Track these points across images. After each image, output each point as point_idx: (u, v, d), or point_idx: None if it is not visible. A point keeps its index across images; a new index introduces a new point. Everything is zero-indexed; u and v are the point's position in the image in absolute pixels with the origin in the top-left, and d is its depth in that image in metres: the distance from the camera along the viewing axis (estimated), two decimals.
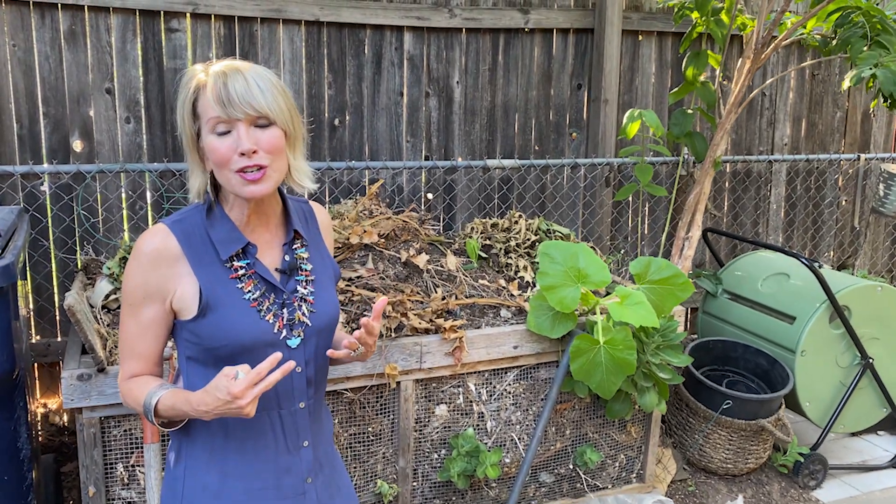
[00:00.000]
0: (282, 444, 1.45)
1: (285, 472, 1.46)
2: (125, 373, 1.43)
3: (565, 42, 3.93)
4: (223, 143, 1.33)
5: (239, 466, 1.43)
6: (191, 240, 1.39)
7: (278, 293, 1.44)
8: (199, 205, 1.44)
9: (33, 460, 2.43)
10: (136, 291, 1.38)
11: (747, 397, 3.16)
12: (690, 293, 2.69)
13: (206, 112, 1.34)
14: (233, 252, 1.40)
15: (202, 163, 1.40)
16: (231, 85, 1.32)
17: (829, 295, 3.25)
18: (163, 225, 1.40)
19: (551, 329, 2.61)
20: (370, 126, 3.63)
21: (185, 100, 1.37)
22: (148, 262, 1.37)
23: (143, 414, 1.39)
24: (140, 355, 1.42)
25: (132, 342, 1.41)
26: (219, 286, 1.39)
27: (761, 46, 3.30)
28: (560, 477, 2.88)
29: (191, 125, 1.38)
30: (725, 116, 3.46)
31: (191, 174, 1.42)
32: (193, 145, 1.39)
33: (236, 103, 1.31)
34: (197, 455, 1.44)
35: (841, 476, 3.44)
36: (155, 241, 1.37)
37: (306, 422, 1.49)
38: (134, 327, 1.40)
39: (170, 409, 1.36)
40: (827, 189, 4.70)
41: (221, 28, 3.31)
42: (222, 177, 1.36)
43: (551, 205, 4.00)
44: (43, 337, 3.21)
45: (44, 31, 3.06)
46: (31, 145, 3.10)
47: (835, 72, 4.59)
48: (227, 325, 1.36)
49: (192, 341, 1.40)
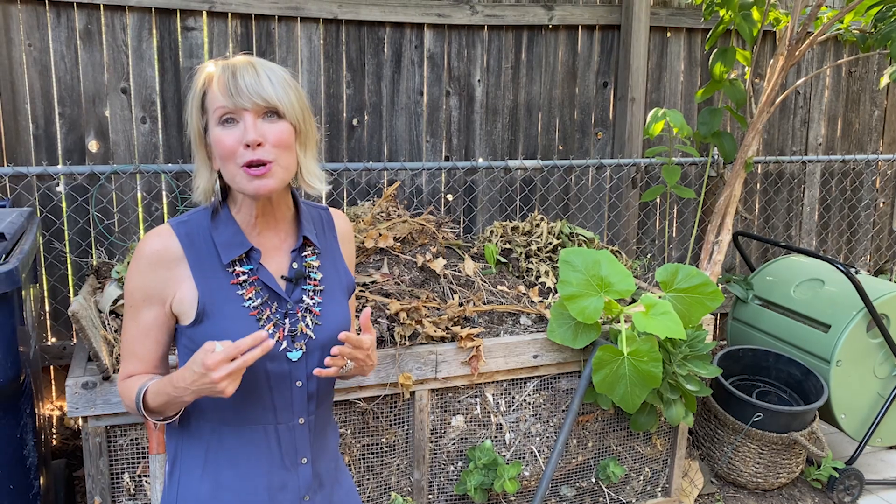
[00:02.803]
0: (277, 460, 1.39)
1: (279, 489, 1.39)
2: (123, 372, 1.39)
3: (591, 39, 3.81)
4: (230, 134, 1.27)
5: (232, 479, 1.37)
6: (194, 242, 1.34)
7: (281, 302, 1.37)
8: (206, 207, 1.39)
9: (41, 467, 2.38)
10: (135, 293, 1.34)
11: (779, 409, 3.03)
12: (720, 303, 2.57)
13: (213, 103, 1.29)
14: (235, 256, 1.34)
15: (209, 161, 1.35)
16: (240, 75, 1.27)
17: (867, 302, 3.10)
18: (167, 226, 1.35)
19: (573, 339, 2.51)
20: (389, 126, 3.55)
21: (194, 94, 1.33)
22: (147, 263, 1.33)
23: (136, 409, 1.35)
24: (139, 357, 1.38)
25: (131, 344, 1.38)
26: (218, 292, 1.32)
27: (796, 42, 3.16)
28: (582, 491, 2.77)
29: (198, 120, 1.33)
30: (757, 116, 3.32)
31: (197, 174, 1.37)
32: (201, 142, 1.34)
33: (244, 93, 1.26)
34: (191, 464, 1.39)
35: (878, 492, 3.29)
36: (156, 243, 1.33)
37: (306, 438, 1.41)
38: (133, 329, 1.37)
39: (156, 396, 1.31)
40: (864, 191, 4.53)
41: (238, 26, 3.25)
42: (228, 172, 1.30)
43: (575, 207, 3.89)
44: (59, 339, 3.18)
45: (59, 30, 3.02)
46: (46, 146, 3.07)
47: (873, 69, 4.41)
48: (223, 334, 1.29)
49: (189, 347, 1.34)
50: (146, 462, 2.19)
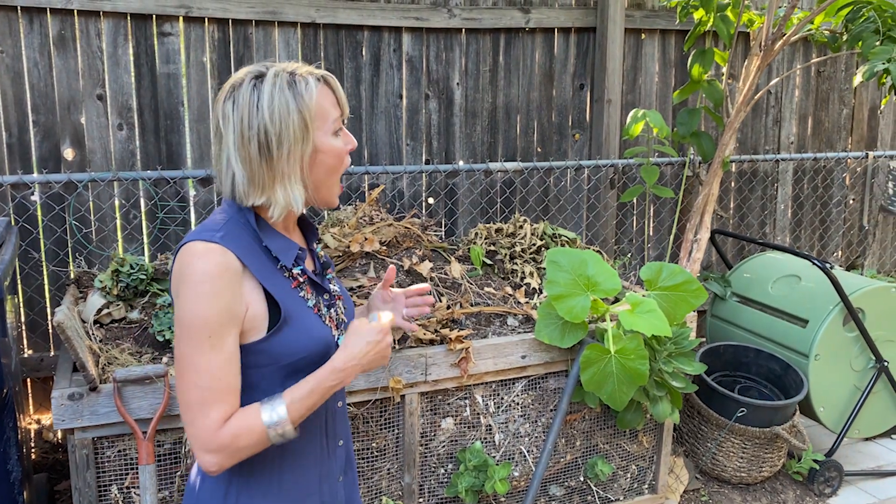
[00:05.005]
0: (324, 447, 1.42)
1: (327, 475, 1.43)
2: (216, 419, 1.22)
3: (567, 41, 3.85)
4: (342, 143, 1.35)
5: (292, 478, 1.37)
6: (246, 253, 1.27)
7: (323, 295, 1.41)
8: (229, 218, 1.30)
9: (25, 482, 2.34)
10: (212, 320, 1.20)
11: (762, 404, 3.08)
12: (704, 300, 2.60)
13: (327, 113, 1.31)
14: (293, 259, 1.34)
15: (301, 171, 1.30)
16: (336, 85, 1.34)
17: (843, 297, 3.17)
18: (211, 243, 1.23)
19: (561, 339, 2.53)
20: (369, 129, 3.54)
21: (300, 100, 1.27)
22: (220, 282, 1.21)
23: (269, 439, 1.24)
24: (233, 391, 1.24)
25: (222, 380, 1.22)
26: (289, 297, 1.31)
27: (771, 43, 3.22)
28: (570, 490, 2.79)
29: (304, 131, 1.28)
30: (734, 115, 3.37)
31: (277, 187, 1.29)
32: (301, 156, 1.29)
33: (344, 104, 1.35)
34: (255, 479, 1.34)
35: (857, 483, 3.35)
36: (217, 260, 1.22)
37: (343, 420, 1.48)
38: (219, 361, 1.22)
39: (305, 401, 1.25)
40: (835, 188, 4.62)
41: (216, 31, 3.22)
42: (330, 180, 1.35)
43: (555, 208, 3.91)
44: (35, 351, 3.12)
45: (32, 36, 2.97)
46: (20, 154, 3.01)
47: (840, 68, 4.51)
48: (305, 337, 1.31)
49: (258, 365, 1.28)
50: (135, 473, 2.15)
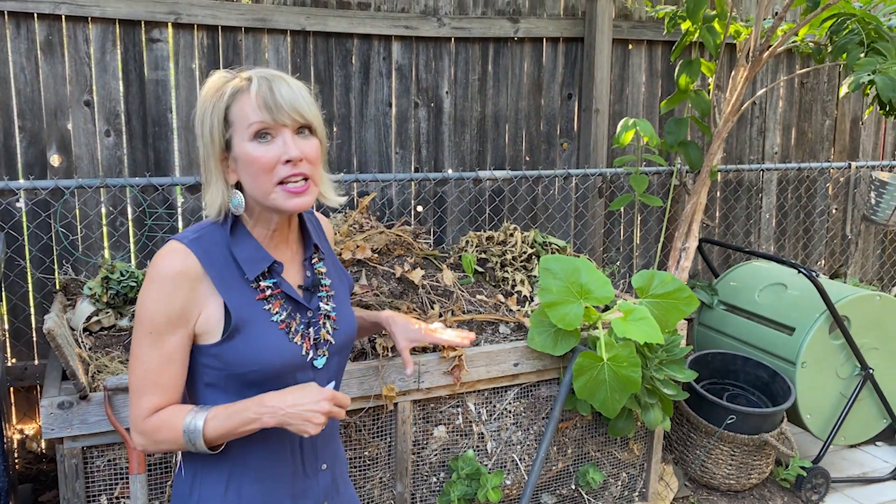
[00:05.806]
0: (299, 468, 1.39)
1: (301, 497, 1.39)
2: (145, 408, 1.30)
3: (555, 51, 3.87)
4: (266, 150, 1.26)
5: (256, 493, 1.35)
6: (212, 258, 1.29)
7: (304, 312, 1.38)
8: (214, 222, 1.33)
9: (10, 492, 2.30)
10: (156, 318, 1.26)
11: (751, 411, 3.10)
12: (695, 307, 2.62)
13: (245, 118, 1.26)
14: (260, 272, 1.32)
15: (225, 176, 1.31)
16: (277, 90, 1.25)
17: (829, 305, 3.20)
18: (179, 243, 1.29)
19: (553, 346, 2.53)
20: (358, 138, 3.54)
21: (215, 105, 1.27)
22: (170, 284, 1.26)
23: (184, 443, 1.28)
24: (165, 387, 1.29)
25: (155, 374, 1.29)
26: (246, 307, 1.30)
27: (759, 54, 3.26)
28: (562, 498, 2.78)
29: (221, 133, 1.28)
30: (722, 125, 3.41)
31: (210, 189, 1.32)
32: (220, 156, 1.29)
33: (283, 109, 1.25)
34: (213, 482, 1.35)
35: (843, 489, 3.38)
36: (175, 262, 1.27)
37: (326, 444, 1.43)
38: (155, 357, 1.28)
39: (225, 421, 1.26)
40: (818, 198, 4.67)
41: (205, 38, 3.20)
42: (260, 188, 1.27)
43: (544, 217, 3.93)
44: (19, 360, 3.07)
45: (19, 41, 2.94)
46: (6, 160, 2.97)
47: (823, 80, 4.57)
48: (257, 350, 1.29)
49: (214, 367, 1.31)
50: (124, 483, 2.12)
